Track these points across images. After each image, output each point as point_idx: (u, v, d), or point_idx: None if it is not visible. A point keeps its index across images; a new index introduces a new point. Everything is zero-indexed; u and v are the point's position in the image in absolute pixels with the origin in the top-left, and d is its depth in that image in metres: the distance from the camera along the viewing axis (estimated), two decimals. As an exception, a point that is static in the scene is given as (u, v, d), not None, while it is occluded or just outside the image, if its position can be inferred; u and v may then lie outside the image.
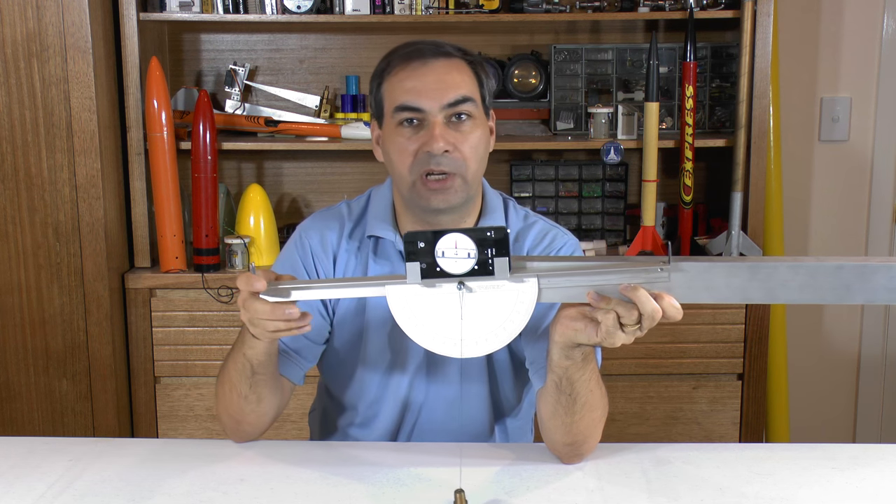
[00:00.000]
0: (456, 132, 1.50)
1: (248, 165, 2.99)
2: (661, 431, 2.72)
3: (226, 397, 1.51)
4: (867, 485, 1.38)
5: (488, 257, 1.18)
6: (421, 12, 2.67)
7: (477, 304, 1.20)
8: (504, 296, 1.20)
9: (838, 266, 1.15)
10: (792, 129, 3.01)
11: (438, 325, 1.22)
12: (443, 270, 1.19)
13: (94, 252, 2.56)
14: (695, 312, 2.66)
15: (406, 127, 1.50)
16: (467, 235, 1.18)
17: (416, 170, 1.49)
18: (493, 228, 1.17)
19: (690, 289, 1.19)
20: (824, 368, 3.17)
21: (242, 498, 1.35)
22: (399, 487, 1.38)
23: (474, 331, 1.21)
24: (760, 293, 1.17)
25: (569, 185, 2.88)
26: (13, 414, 2.63)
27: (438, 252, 1.19)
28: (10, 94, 2.49)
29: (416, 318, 1.22)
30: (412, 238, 1.19)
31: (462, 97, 1.50)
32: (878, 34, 3.00)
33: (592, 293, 1.19)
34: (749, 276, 1.17)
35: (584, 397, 1.35)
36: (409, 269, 1.20)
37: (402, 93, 1.50)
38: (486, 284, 1.20)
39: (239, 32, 2.93)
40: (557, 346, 1.28)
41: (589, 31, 2.92)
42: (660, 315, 1.19)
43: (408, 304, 1.22)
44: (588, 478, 1.40)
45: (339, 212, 1.65)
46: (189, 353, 2.66)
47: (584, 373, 1.32)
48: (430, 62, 1.50)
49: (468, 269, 1.19)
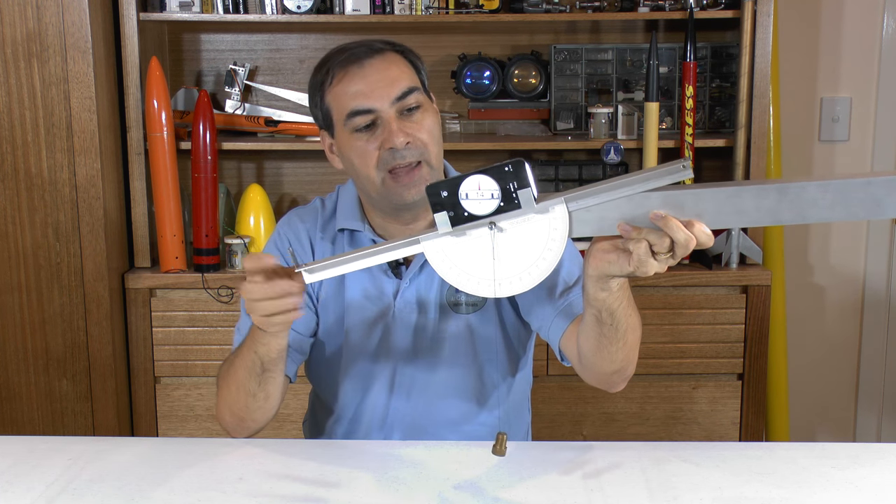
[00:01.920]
0: (409, 122, 1.53)
1: (248, 165, 3.00)
2: (661, 431, 2.72)
3: (231, 397, 1.53)
4: (867, 485, 1.38)
5: (512, 192, 1.18)
6: (421, 12, 2.67)
7: (512, 241, 1.21)
8: (537, 227, 1.20)
9: (867, 182, 1.13)
10: (792, 129, 3.01)
11: (478, 267, 1.22)
12: (470, 214, 1.19)
13: (94, 252, 2.56)
14: (695, 312, 2.66)
15: (362, 131, 1.53)
16: (487, 175, 1.18)
17: (382, 168, 1.52)
18: (510, 162, 1.18)
19: (721, 213, 1.17)
20: (824, 368, 3.17)
21: (241, 497, 1.35)
22: (399, 486, 1.38)
23: (513, 268, 1.21)
24: (791, 214, 1.15)
25: (569, 185, 2.87)
26: (13, 414, 2.63)
27: (462, 195, 1.19)
28: (10, 94, 2.49)
29: (456, 266, 1.23)
30: (434, 189, 1.19)
31: (407, 88, 1.53)
32: (878, 34, 3.00)
33: (623, 224, 1.19)
34: (778, 197, 1.14)
35: (626, 322, 1.35)
36: (439, 219, 1.20)
37: (349, 99, 1.53)
38: (516, 220, 1.20)
39: (239, 32, 2.93)
40: (592, 279, 1.28)
41: (589, 31, 2.92)
42: (693, 243, 1.18)
43: (444, 253, 1.23)
44: (588, 477, 1.40)
45: (314, 207, 1.70)
46: (189, 353, 2.66)
47: (622, 301, 1.32)
48: (366, 63, 1.53)
49: (495, 209, 1.19)
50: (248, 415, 1.54)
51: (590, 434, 2.72)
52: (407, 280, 1.60)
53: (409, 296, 1.61)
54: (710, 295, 2.67)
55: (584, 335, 1.42)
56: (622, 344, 1.38)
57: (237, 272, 2.65)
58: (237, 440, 1.57)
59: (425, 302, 1.61)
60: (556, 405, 2.71)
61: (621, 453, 1.48)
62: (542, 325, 1.56)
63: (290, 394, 1.57)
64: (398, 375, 1.64)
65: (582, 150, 2.91)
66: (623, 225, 1.19)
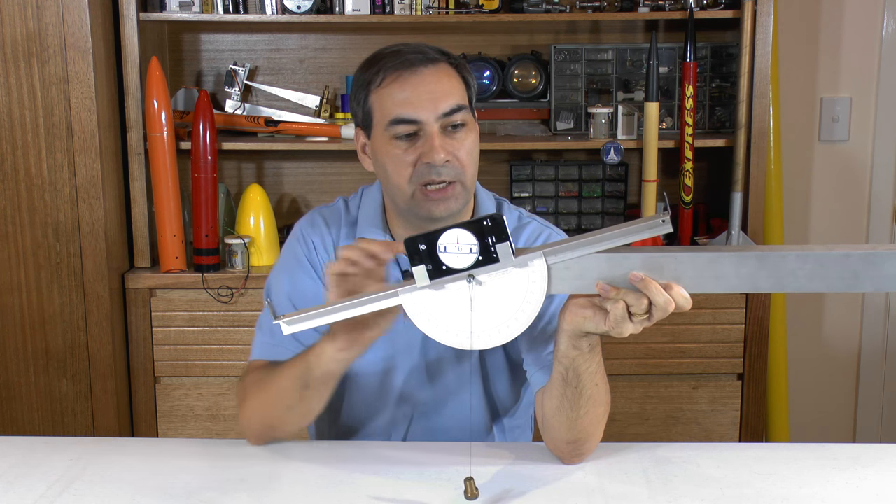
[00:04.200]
0: (452, 140, 1.49)
1: (248, 165, 3.00)
2: (661, 431, 2.72)
3: (267, 406, 1.49)
4: (867, 485, 1.38)
5: (490, 245, 1.18)
6: (421, 12, 2.67)
7: (489, 294, 1.20)
8: (515, 281, 1.20)
9: (846, 254, 1.15)
10: (792, 129, 3.01)
11: (456, 320, 1.22)
12: (449, 268, 1.19)
13: (94, 252, 2.56)
14: (695, 312, 2.65)
15: (402, 139, 1.49)
16: (465, 228, 1.18)
17: (416, 181, 1.48)
18: (488, 216, 1.17)
19: (700, 278, 1.18)
20: (824, 368, 3.17)
21: (242, 498, 1.35)
22: (400, 487, 1.38)
23: (490, 321, 1.21)
24: (769, 282, 1.17)
25: (569, 185, 2.88)
26: (13, 414, 2.63)
27: (440, 249, 1.18)
28: (10, 94, 2.49)
29: (433, 318, 1.22)
30: (412, 242, 1.19)
31: (456, 105, 1.49)
32: (878, 34, 3.00)
33: (601, 283, 1.19)
34: (758, 265, 1.16)
35: (590, 391, 1.34)
36: (417, 273, 1.20)
37: (396, 105, 1.48)
38: (495, 274, 1.20)
39: (239, 32, 2.93)
40: (566, 334, 1.27)
41: (589, 31, 2.92)
42: (672, 306, 1.18)
43: (423, 306, 1.22)
44: (588, 478, 1.40)
45: (338, 209, 1.66)
46: (189, 353, 2.66)
47: (590, 364, 1.31)
48: (419, 70, 1.49)
49: (473, 262, 1.19)
50: (282, 425, 1.50)
51: (590, 434, 2.72)
52: None
53: None
54: (710, 295, 2.66)
55: (548, 393, 1.40)
56: (583, 412, 1.36)
57: (237, 272, 2.65)
58: (237, 440, 1.57)
59: None
60: (556, 405, 2.71)
61: (621, 453, 1.48)
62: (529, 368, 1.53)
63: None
64: (403, 396, 1.62)
65: (582, 150, 2.91)
66: (601, 284, 1.19)
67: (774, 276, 1.17)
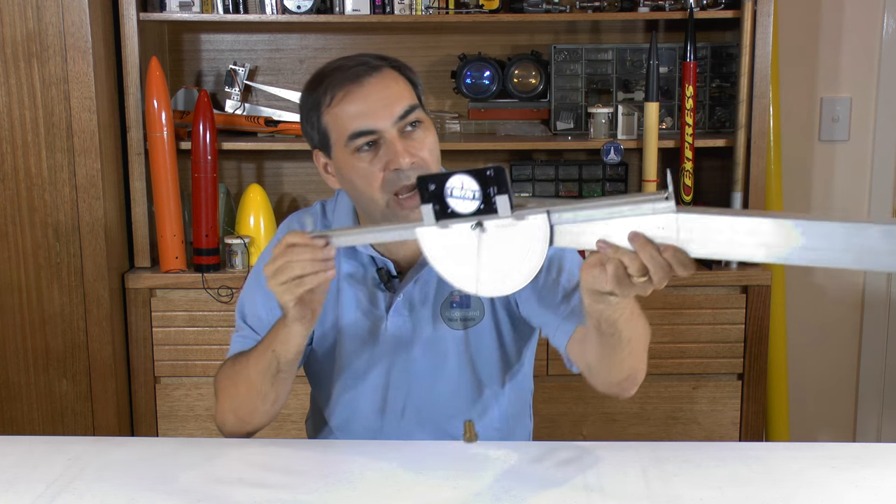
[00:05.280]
0: (412, 141, 1.51)
1: (248, 165, 3.00)
2: (661, 431, 2.72)
3: (239, 399, 1.54)
4: (867, 485, 1.38)
5: (491, 196, 1.19)
6: (421, 12, 2.67)
7: (494, 244, 1.22)
8: (518, 234, 1.20)
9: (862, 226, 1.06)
10: (792, 129, 3.01)
11: (464, 265, 1.24)
12: (453, 211, 1.21)
13: (94, 252, 2.56)
14: (695, 312, 2.66)
15: (364, 151, 1.51)
16: (470, 175, 1.20)
17: (388, 189, 1.50)
18: (492, 167, 1.19)
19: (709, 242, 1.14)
20: (824, 369, 3.17)
21: (242, 497, 1.35)
22: (398, 486, 1.38)
23: (495, 269, 1.22)
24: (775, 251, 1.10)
25: (569, 185, 2.88)
26: (13, 414, 2.63)
27: (448, 192, 1.21)
28: (10, 94, 2.49)
29: (444, 258, 1.25)
30: (424, 181, 1.22)
31: (409, 107, 1.51)
32: (878, 34, 3.00)
33: (601, 240, 1.18)
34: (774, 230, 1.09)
35: (629, 333, 1.33)
36: (424, 211, 1.23)
37: (350, 120, 1.50)
38: (499, 223, 1.21)
39: (239, 32, 2.93)
40: (584, 292, 1.27)
41: (589, 31, 2.92)
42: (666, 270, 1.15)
43: (435, 244, 1.25)
44: (588, 477, 1.40)
45: (315, 212, 1.69)
46: (189, 353, 2.66)
47: (622, 312, 1.30)
48: (365, 81, 1.50)
49: (474, 210, 1.21)
50: (252, 418, 1.55)
51: (590, 434, 2.72)
52: (400, 294, 1.60)
53: (401, 310, 1.61)
54: (710, 295, 2.67)
55: (588, 344, 1.40)
56: (627, 353, 1.36)
57: (237, 272, 2.65)
58: (237, 440, 1.57)
59: (419, 316, 1.61)
60: (556, 405, 2.71)
61: (621, 453, 1.48)
62: (549, 333, 1.55)
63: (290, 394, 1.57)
64: (391, 390, 1.64)
65: (582, 150, 2.91)
66: (601, 241, 1.18)
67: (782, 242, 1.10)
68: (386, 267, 1.60)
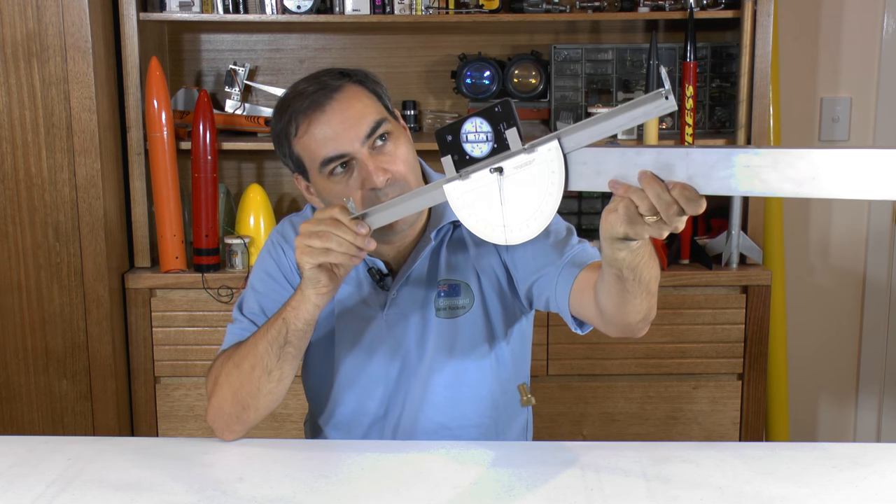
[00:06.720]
0: (383, 156, 1.50)
1: (248, 165, 3.00)
2: (661, 431, 2.72)
3: (242, 377, 1.51)
4: (867, 485, 1.38)
5: (502, 132, 1.20)
6: (421, 12, 2.67)
7: (514, 187, 1.23)
8: (535, 170, 1.21)
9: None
10: (792, 129, 3.01)
11: (489, 214, 1.25)
12: (471, 157, 1.23)
13: (94, 252, 2.56)
14: (695, 312, 2.66)
15: (339, 174, 1.51)
16: (481, 116, 1.21)
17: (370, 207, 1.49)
18: (499, 102, 1.20)
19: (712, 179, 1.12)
20: (824, 368, 3.17)
21: (242, 497, 1.35)
22: (398, 486, 1.38)
23: (519, 213, 1.23)
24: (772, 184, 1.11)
25: (569, 185, 2.87)
26: (13, 414, 2.63)
27: (464, 139, 1.22)
28: (10, 94, 2.49)
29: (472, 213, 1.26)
30: (441, 133, 1.24)
31: (375, 123, 1.50)
32: (878, 34, 3.00)
33: (613, 180, 1.17)
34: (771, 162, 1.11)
35: (647, 274, 1.33)
36: (445, 163, 1.24)
37: (319, 146, 1.50)
38: (516, 164, 1.21)
39: (239, 32, 2.93)
40: (606, 242, 1.26)
41: (589, 31, 2.92)
42: (674, 207, 1.14)
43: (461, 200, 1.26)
44: (588, 477, 1.40)
45: (306, 217, 1.68)
46: (189, 353, 2.66)
47: (642, 256, 1.29)
48: (327, 106, 1.50)
49: (489, 151, 1.22)
50: (254, 400, 1.52)
51: (590, 434, 2.72)
52: (394, 291, 1.60)
53: (396, 307, 1.61)
54: (710, 295, 2.67)
55: (605, 294, 1.39)
56: (646, 294, 1.36)
57: (237, 272, 2.65)
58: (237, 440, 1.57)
59: (413, 312, 1.61)
60: (556, 405, 2.71)
61: (621, 453, 1.48)
62: (549, 293, 1.53)
63: (290, 394, 1.56)
64: (389, 386, 1.64)
65: (582, 150, 2.90)
66: (613, 181, 1.17)
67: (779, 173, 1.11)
68: (376, 266, 1.61)
